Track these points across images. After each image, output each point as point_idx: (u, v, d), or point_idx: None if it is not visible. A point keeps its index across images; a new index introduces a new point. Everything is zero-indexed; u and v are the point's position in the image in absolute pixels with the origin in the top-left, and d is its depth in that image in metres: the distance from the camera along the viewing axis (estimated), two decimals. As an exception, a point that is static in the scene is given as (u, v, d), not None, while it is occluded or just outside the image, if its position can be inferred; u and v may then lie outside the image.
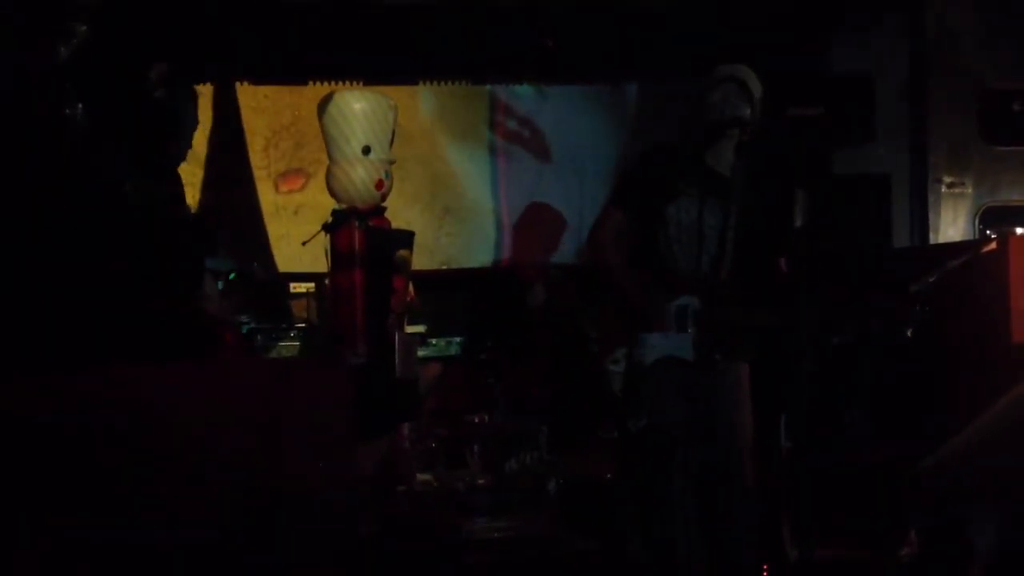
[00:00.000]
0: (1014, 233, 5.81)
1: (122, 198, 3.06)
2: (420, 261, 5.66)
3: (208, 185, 6.43)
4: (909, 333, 3.44)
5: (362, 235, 4.99)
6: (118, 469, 2.32)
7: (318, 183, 6.25)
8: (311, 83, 6.60)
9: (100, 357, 2.70)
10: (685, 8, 6.14)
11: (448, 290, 6.53)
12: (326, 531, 2.52)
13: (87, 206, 2.93)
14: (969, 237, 5.98)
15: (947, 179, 6.05)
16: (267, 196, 6.68)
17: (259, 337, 5.54)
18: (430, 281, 6.22)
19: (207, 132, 6.48)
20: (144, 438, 2.36)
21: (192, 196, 6.23)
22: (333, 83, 6.45)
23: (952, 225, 6.08)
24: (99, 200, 2.98)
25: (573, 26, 5.93)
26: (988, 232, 5.95)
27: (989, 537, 2.87)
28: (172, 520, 2.35)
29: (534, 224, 6.93)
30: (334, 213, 5.34)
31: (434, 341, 6.15)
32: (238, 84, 6.64)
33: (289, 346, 5.51)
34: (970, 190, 6.07)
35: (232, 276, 5.10)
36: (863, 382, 4.85)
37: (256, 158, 6.67)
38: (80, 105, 2.92)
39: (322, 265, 5.21)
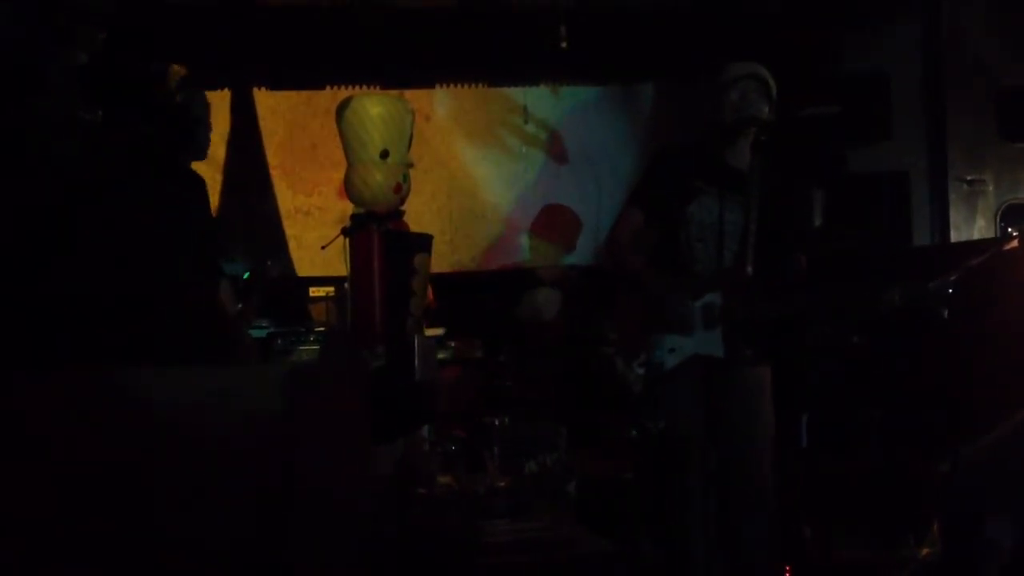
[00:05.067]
0: (1035, 231, 5.77)
1: (138, 200, 3.08)
2: (438, 264, 5.66)
3: (226, 189, 6.46)
4: (945, 313, 3.40)
5: (381, 239, 5.00)
6: (133, 472, 2.33)
7: (335, 187, 6.28)
8: (328, 88, 6.62)
9: (116, 360, 2.72)
10: (701, 7, 6.14)
11: (467, 293, 6.53)
12: (345, 534, 2.52)
13: (103, 208, 2.95)
14: (990, 235, 5.95)
15: (967, 177, 6.02)
16: (284, 200, 6.70)
17: (279, 341, 5.56)
18: (448, 284, 6.23)
19: (225, 137, 6.51)
20: (160, 441, 2.37)
21: (211, 200, 6.26)
22: (350, 87, 6.47)
23: (972, 223, 6.05)
24: (115, 202, 3.00)
25: (588, 27, 5.93)
26: (1009, 229, 5.91)
27: (1009, 538, 2.85)
28: (188, 523, 2.36)
29: (551, 226, 6.93)
30: (353, 217, 5.35)
31: (453, 343, 6.15)
32: (255, 89, 6.67)
33: (309, 350, 5.53)
34: (991, 188, 6.04)
35: (247, 275, 5.12)
36: (880, 383, 4.83)
37: (273, 161, 6.70)
38: (99, 111, 2.94)
39: (341, 269, 5.22)
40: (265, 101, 6.71)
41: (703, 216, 3.73)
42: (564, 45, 5.75)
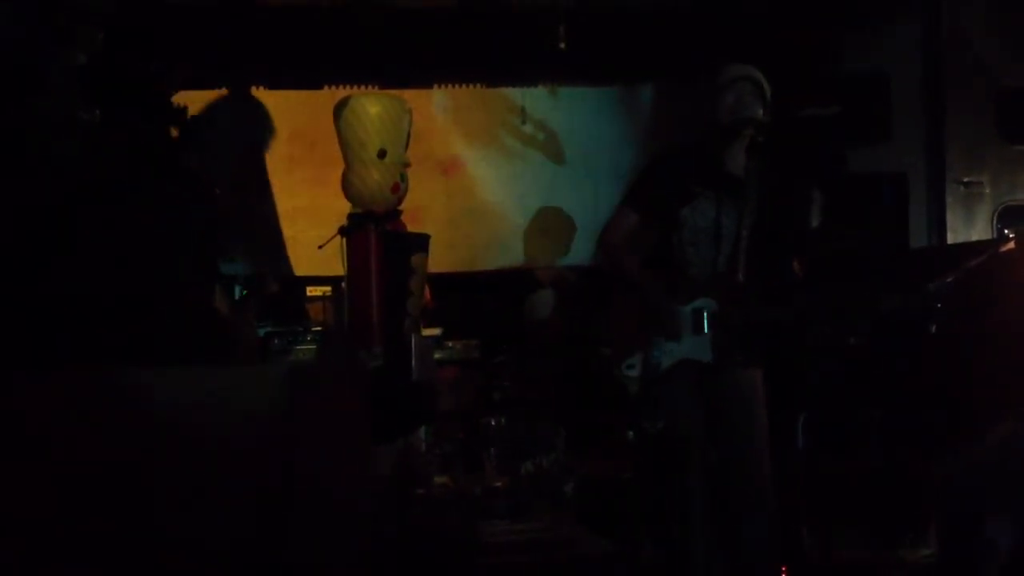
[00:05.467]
0: (1032, 233, 5.77)
1: (138, 200, 3.08)
2: (435, 264, 5.66)
3: (225, 189, 6.44)
4: (933, 329, 3.42)
5: (378, 238, 5.01)
6: (133, 472, 2.33)
7: (333, 186, 6.26)
8: (326, 87, 6.61)
9: (114, 360, 2.72)
10: (700, 7, 6.14)
11: (464, 293, 6.53)
12: (344, 534, 2.52)
13: (102, 209, 2.94)
14: (987, 237, 5.96)
15: (965, 178, 6.02)
16: (282, 199, 6.68)
17: (276, 340, 5.55)
18: (446, 284, 6.22)
19: (224, 137, 6.49)
20: (159, 441, 2.37)
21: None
22: (349, 87, 6.47)
23: (970, 224, 6.05)
24: (115, 202, 3.00)
25: (587, 27, 5.93)
26: (1006, 231, 5.92)
27: (1008, 538, 2.86)
28: (188, 524, 2.36)
29: (548, 226, 6.92)
30: (350, 217, 5.35)
31: (450, 343, 6.15)
32: (254, 89, 6.65)
33: (306, 349, 5.52)
34: (988, 189, 6.04)
35: (244, 292, 5.13)
36: (880, 383, 4.83)
37: (271, 160, 6.68)
38: (97, 110, 2.94)
39: (338, 268, 5.22)
40: (264, 100, 6.70)
41: (697, 220, 3.73)
42: (563, 46, 5.75)
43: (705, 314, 3.66)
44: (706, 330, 3.65)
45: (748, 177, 3.74)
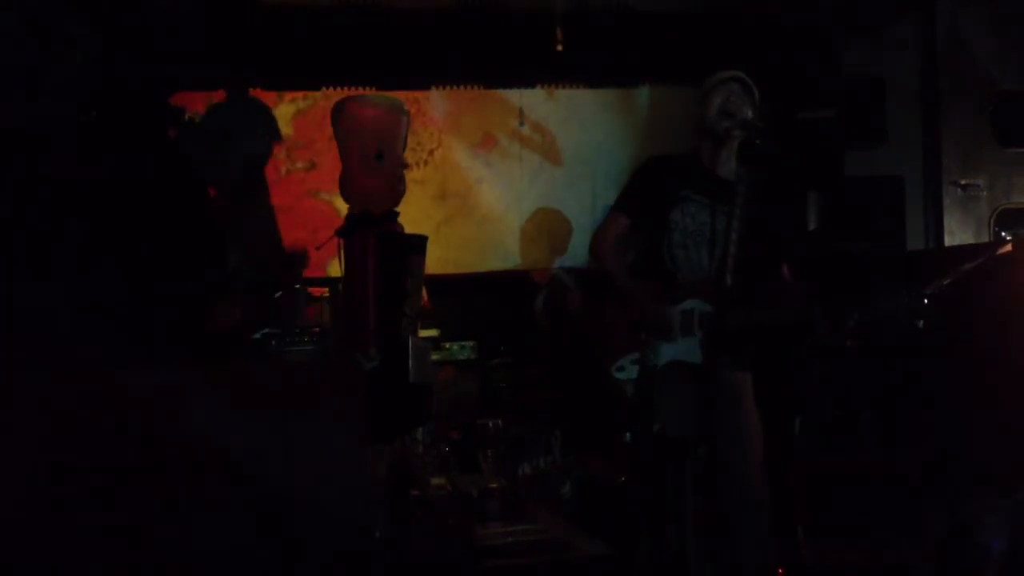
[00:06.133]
0: (1029, 236, 5.79)
1: (136, 200, 3.08)
2: (432, 265, 5.66)
3: (226, 191, 6.44)
4: (921, 324, 3.43)
5: (375, 240, 5.00)
6: (130, 473, 2.34)
7: (330, 188, 6.28)
8: (324, 88, 6.62)
9: (115, 361, 2.72)
10: (698, 10, 6.15)
11: (461, 294, 6.53)
12: (340, 535, 2.52)
13: (99, 210, 2.95)
14: (984, 239, 5.97)
15: (962, 181, 6.04)
16: (279, 200, 6.69)
17: (273, 342, 5.55)
18: (443, 285, 6.22)
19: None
20: (157, 442, 2.37)
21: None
22: (346, 88, 6.48)
23: (967, 227, 6.07)
24: (112, 205, 3.00)
25: (584, 29, 5.94)
26: (1003, 234, 5.94)
27: (1004, 541, 2.87)
28: (184, 524, 2.36)
29: (544, 228, 6.93)
30: (348, 218, 5.35)
31: (447, 345, 6.15)
32: (252, 90, 6.65)
33: (303, 351, 5.52)
34: (984, 192, 6.06)
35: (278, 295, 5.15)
36: (877, 385, 4.85)
37: (270, 161, 6.68)
38: (94, 112, 2.94)
39: (335, 269, 5.21)
40: (262, 102, 6.70)
41: (687, 223, 3.74)
42: (560, 48, 5.76)
43: (695, 315, 3.66)
44: (696, 332, 3.66)
45: (738, 181, 3.74)
